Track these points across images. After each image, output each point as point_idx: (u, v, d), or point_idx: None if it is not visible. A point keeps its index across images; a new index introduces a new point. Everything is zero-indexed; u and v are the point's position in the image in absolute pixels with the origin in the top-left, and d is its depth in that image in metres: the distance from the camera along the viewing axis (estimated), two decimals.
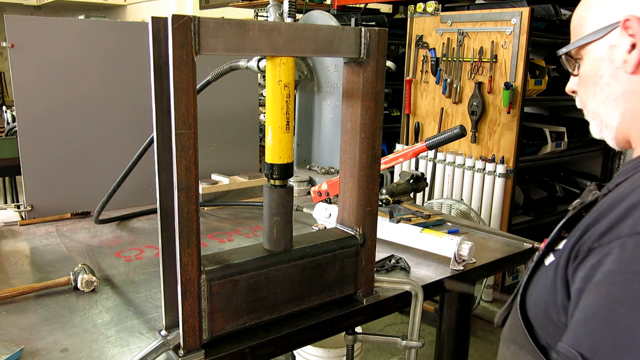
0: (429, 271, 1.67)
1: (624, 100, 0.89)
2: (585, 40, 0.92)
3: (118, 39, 2.17)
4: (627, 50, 0.86)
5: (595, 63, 0.92)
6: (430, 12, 3.53)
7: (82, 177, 2.14)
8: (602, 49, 0.91)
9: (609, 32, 0.89)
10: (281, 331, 1.25)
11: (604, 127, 0.95)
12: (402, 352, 2.90)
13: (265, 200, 1.25)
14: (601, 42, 0.90)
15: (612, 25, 0.88)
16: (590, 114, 0.97)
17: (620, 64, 0.88)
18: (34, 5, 11.13)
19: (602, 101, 0.92)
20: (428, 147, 1.84)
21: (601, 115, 0.94)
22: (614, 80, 0.90)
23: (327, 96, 2.87)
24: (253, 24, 1.07)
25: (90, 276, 1.45)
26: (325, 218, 1.98)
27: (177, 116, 1.00)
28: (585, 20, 0.93)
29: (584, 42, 0.93)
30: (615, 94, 0.90)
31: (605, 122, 0.94)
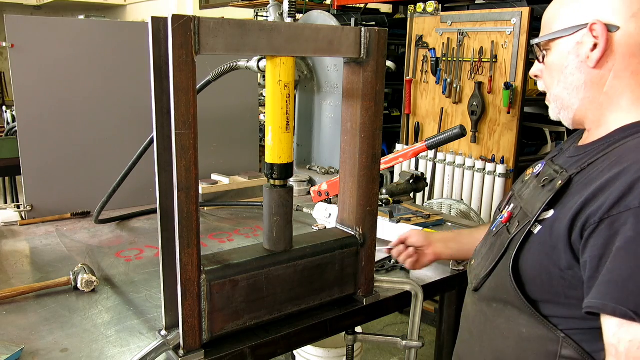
0: (429, 271, 1.67)
1: (585, 89, 1.08)
2: (556, 35, 1.09)
3: (118, 39, 2.18)
4: (590, 49, 1.04)
5: (562, 55, 1.09)
6: (430, 12, 3.53)
7: (82, 177, 2.14)
8: (569, 44, 1.07)
9: (576, 31, 1.06)
10: (281, 331, 1.25)
11: (563, 109, 1.13)
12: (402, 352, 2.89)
13: (265, 200, 1.25)
14: (569, 38, 1.07)
15: (581, 25, 1.05)
16: (553, 97, 1.14)
17: (584, 59, 1.05)
18: (34, 5, 11.13)
19: (566, 87, 1.10)
20: (428, 147, 1.84)
21: (563, 99, 1.11)
22: (577, 72, 1.07)
23: (327, 96, 2.87)
24: (253, 24, 1.07)
25: (90, 276, 1.45)
26: (325, 218, 1.98)
27: (177, 116, 1.00)
28: (557, 17, 1.09)
29: (555, 37, 1.09)
30: (578, 83, 1.08)
31: (565, 105, 1.12)
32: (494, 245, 1.20)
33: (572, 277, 0.98)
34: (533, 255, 1.06)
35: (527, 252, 1.07)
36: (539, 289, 1.05)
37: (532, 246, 1.06)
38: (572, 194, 1.02)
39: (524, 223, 1.10)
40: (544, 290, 1.04)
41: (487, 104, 3.30)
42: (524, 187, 1.24)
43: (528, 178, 1.25)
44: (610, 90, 1.06)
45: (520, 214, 1.15)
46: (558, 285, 1.01)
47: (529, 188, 1.20)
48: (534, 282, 1.06)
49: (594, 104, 1.08)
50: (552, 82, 1.13)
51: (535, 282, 1.05)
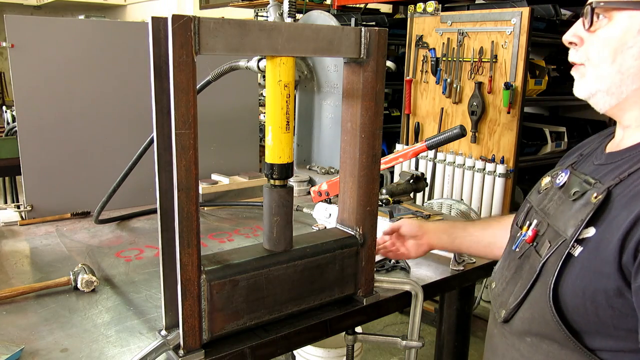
0: (429, 271, 1.67)
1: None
2: (628, 5, 0.91)
3: (118, 39, 2.17)
4: None
5: (630, 31, 0.91)
6: (430, 12, 3.53)
7: (82, 177, 2.14)
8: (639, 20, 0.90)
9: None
10: (281, 331, 1.25)
11: (608, 93, 0.96)
12: (402, 352, 2.89)
13: (265, 200, 1.25)
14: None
15: None
16: (597, 75, 0.97)
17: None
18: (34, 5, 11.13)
19: (621, 70, 0.93)
20: (428, 147, 1.84)
21: (612, 82, 0.95)
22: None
23: (327, 96, 2.87)
24: (253, 24, 1.07)
25: (90, 276, 1.45)
26: (325, 218, 1.98)
27: (177, 116, 1.00)
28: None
29: (626, 7, 0.91)
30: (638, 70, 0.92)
31: (612, 91, 0.95)
32: (520, 269, 1.07)
33: (622, 305, 0.87)
34: (574, 280, 0.93)
35: (567, 277, 0.94)
36: (583, 319, 0.93)
37: (573, 270, 0.94)
38: (615, 209, 0.90)
39: (557, 243, 0.97)
40: (588, 320, 0.93)
41: (487, 104, 3.30)
42: (545, 199, 1.11)
43: (548, 189, 1.13)
44: None
45: (550, 232, 1.02)
46: (605, 315, 0.90)
47: (553, 201, 1.07)
48: (576, 312, 0.93)
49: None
50: (603, 58, 0.95)
51: (579, 312, 0.93)
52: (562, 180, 1.07)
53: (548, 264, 0.98)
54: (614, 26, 0.93)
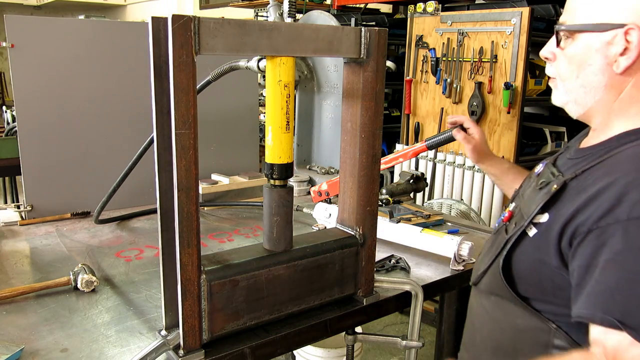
0: (429, 271, 1.67)
1: (603, 92, 1.05)
2: (587, 28, 1.03)
3: (118, 39, 2.18)
4: (619, 52, 1.00)
5: (589, 51, 1.04)
6: (430, 12, 3.53)
7: (82, 177, 2.14)
8: (599, 41, 1.02)
9: (610, 29, 1.00)
10: (281, 331, 1.25)
11: (575, 104, 1.11)
12: (402, 352, 2.89)
13: (265, 200, 1.25)
14: (601, 35, 1.02)
15: (616, 25, 0.99)
16: (566, 88, 1.11)
17: (612, 62, 1.02)
18: (34, 5, 11.13)
19: (583, 84, 1.07)
20: (428, 147, 1.84)
21: (578, 95, 1.09)
22: (600, 73, 1.04)
23: (327, 96, 2.87)
24: (253, 24, 1.07)
25: (90, 276, 1.45)
26: (325, 218, 1.98)
27: (177, 116, 1.00)
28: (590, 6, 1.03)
29: (586, 29, 1.04)
30: (599, 84, 1.05)
31: (578, 101, 1.10)
32: (493, 244, 1.25)
33: (560, 280, 1.03)
34: (526, 256, 1.10)
35: (520, 253, 1.12)
36: (531, 287, 1.11)
37: (526, 248, 1.10)
38: (566, 200, 1.03)
39: (520, 224, 1.12)
40: (535, 289, 1.10)
41: (487, 104, 3.30)
42: (525, 185, 1.27)
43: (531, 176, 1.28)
44: (625, 97, 1.04)
45: (518, 214, 1.18)
46: (548, 286, 1.07)
47: (529, 188, 1.21)
48: (525, 281, 1.11)
49: (606, 108, 1.07)
50: (570, 74, 1.09)
51: (527, 281, 1.11)
52: (539, 170, 1.23)
53: (509, 241, 1.14)
54: (577, 45, 1.06)
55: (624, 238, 0.90)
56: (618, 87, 1.04)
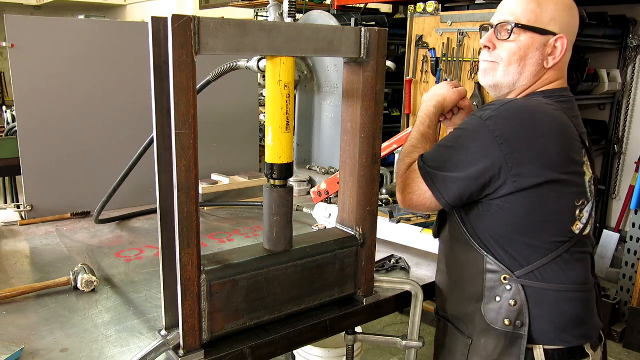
0: (429, 271, 1.67)
1: (530, 78, 1.35)
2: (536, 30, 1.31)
3: (118, 39, 2.17)
4: (549, 52, 1.33)
5: (531, 47, 1.33)
6: (430, 12, 3.53)
7: (82, 177, 2.14)
8: (539, 41, 1.32)
9: (548, 34, 1.32)
10: (281, 331, 1.25)
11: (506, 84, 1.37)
12: (402, 352, 2.89)
13: (265, 200, 1.25)
14: (542, 37, 1.32)
15: (552, 32, 1.32)
16: (505, 71, 1.36)
17: (545, 57, 1.33)
18: (34, 5, 11.13)
19: (521, 71, 1.35)
20: None
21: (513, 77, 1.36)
22: (536, 64, 1.34)
23: (327, 96, 2.86)
24: (253, 24, 1.07)
25: (90, 276, 1.45)
26: (325, 218, 1.98)
27: (177, 116, 1.00)
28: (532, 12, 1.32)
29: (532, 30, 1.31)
30: (532, 73, 1.35)
31: (509, 83, 1.37)
32: None
33: None
34: None
35: None
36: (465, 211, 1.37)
37: None
38: None
39: None
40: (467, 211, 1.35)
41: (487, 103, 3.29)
42: None
43: None
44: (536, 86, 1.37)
45: None
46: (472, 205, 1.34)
47: None
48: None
49: (520, 91, 1.38)
50: (510, 60, 1.35)
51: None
52: None
53: None
54: (520, 42, 1.33)
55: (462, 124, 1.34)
56: (538, 77, 1.36)
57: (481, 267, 1.32)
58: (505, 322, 1.30)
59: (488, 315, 1.32)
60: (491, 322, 1.31)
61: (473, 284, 1.34)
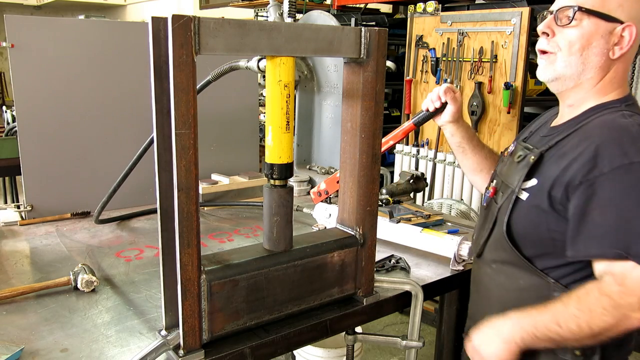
0: (429, 271, 1.67)
1: (595, 71, 1.23)
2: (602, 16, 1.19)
3: (118, 39, 2.17)
4: (615, 42, 1.21)
5: (595, 33, 1.21)
6: (430, 12, 3.53)
7: (82, 177, 2.14)
8: (604, 28, 1.20)
9: (615, 22, 1.19)
10: (281, 331, 1.25)
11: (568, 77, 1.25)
12: (402, 352, 2.89)
13: (265, 200, 1.25)
14: (606, 24, 1.20)
15: (619, 20, 1.19)
16: (565, 61, 1.25)
17: (610, 47, 1.21)
18: (34, 5, 11.13)
19: (584, 61, 1.23)
20: (415, 123, 1.83)
21: (576, 68, 1.24)
22: (601, 55, 1.22)
23: (327, 96, 2.87)
24: (253, 24, 1.07)
25: (90, 276, 1.45)
26: (325, 218, 1.98)
27: (177, 116, 1.00)
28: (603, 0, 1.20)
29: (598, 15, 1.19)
30: (596, 64, 1.23)
31: (573, 76, 1.25)
32: (486, 218, 1.41)
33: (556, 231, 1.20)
34: (523, 217, 1.26)
35: (517, 216, 1.27)
36: (531, 244, 1.26)
37: (522, 210, 1.26)
38: (548, 165, 1.23)
39: (507, 193, 1.31)
40: (534, 245, 1.25)
41: (487, 104, 3.30)
42: (500, 165, 1.46)
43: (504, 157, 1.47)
44: (607, 79, 1.24)
45: (503, 186, 1.36)
46: (547, 241, 1.22)
47: (505, 165, 1.41)
48: (525, 239, 1.26)
49: (590, 86, 1.25)
50: (574, 50, 1.23)
51: (527, 239, 1.26)
52: (511, 150, 1.43)
53: (502, 208, 1.31)
54: (585, 26, 1.21)
55: (611, 186, 1.11)
56: (606, 70, 1.23)
57: (546, 294, 1.23)
58: (576, 353, 1.21)
59: None
60: (558, 352, 1.22)
61: None
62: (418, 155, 3.67)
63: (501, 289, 1.34)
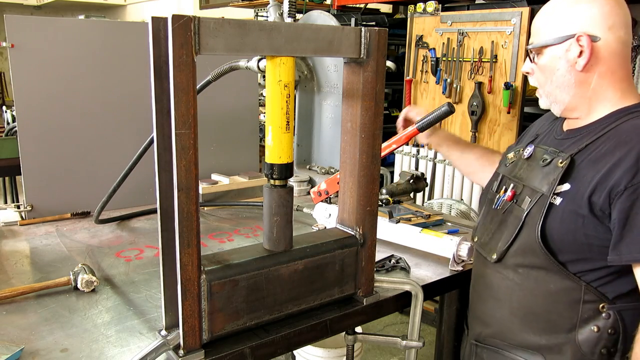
0: (429, 271, 1.67)
1: (575, 87, 1.29)
2: (548, 42, 1.30)
3: (118, 39, 2.17)
4: (577, 55, 1.26)
5: (554, 59, 1.30)
6: (430, 12, 3.53)
7: (82, 177, 2.14)
8: (559, 50, 1.29)
9: (565, 40, 1.27)
10: (281, 331, 1.25)
11: (555, 102, 1.34)
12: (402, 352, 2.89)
13: (265, 200, 1.25)
14: (560, 46, 1.28)
15: (569, 36, 1.26)
16: (545, 93, 1.36)
17: (573, 64, 1.27)
18: (34, 5, 11.13)
19: (558, 86, 1.31)
20: (419, 129, 1.83)
21: (555, 95, 1.33)
22: (567, 74, 1.29)
23: (327, 96, 2.87)
24: (253, 24, 1.07)
25: (90, 276, 1.45)
26: (325, 218, 1.98)
27: (177, 116, 1.00)
28: (547, 26, 1.31)
29: (547, 44, 1.30)
30: (569, 82, 1.30)
31: (557, 100, 1.33)
32: (505, 222, 1.38)
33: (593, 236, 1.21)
34: (558, 222, 1.24)
35: (552, 220, 1.25)
36: (567, 250, 1.25)
37: (556, 215, 1.25)
38: (583, 169, 1.23)
39: (536, 197, 1.29)
40: (570, 250, 1.25)
41: (487, 104, 3.30)
42: (515, 169, 1.44)
43: (515, 161, 1.46)
44: (596, 87, 1.28)
45: (527, 191, 1.34)
46: (583, 245, 1.22)
47: (523, 169, 1.40)
48: (562, 244, 1.25)
49: (583, 99, 1.30)
50: (545, 80, 1.34)
51: (563, 245, 1.25)
52: (529, 153, 1.42)
53: (531, 213, 1.29)
54: (545, 57, 1.32)
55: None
56: (586, 81, 1.28)
57: (577, 297, 1.26)
58: (602, 352, 1.26)
59: (584, 346, 1.26)
60: (586, 353, 1.26)
61: (563, 315, 1.28)
62: (418, 155, 3.68)
63: (528, 294, 1.33)
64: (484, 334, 1.46)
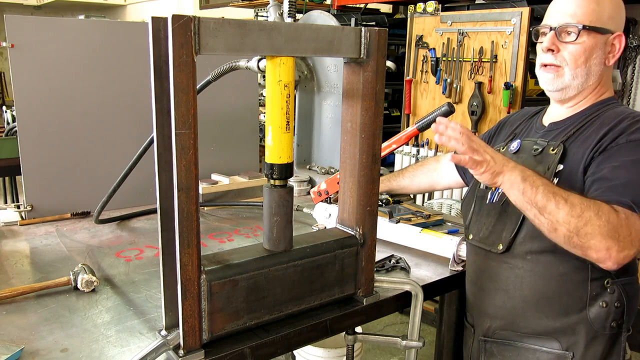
0: (429, 271, 1.67)
1: (595, 78, 1.41)
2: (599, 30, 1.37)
3: (118, 39, 2.17)
4: (609, 51, 1.40)
5: (594, 46, 1.38)
6: (430, 12, 3.53)
7: (82, 177, 2.14)
8: (601, 40, 1.39)
9: (608, 33, 1.39)
10: (281, 331, 1.25)
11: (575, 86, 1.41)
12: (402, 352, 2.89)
13: (265, 200, 1.25)
14: (602, 36, 1.39)
15: (611, 31, 1.39)
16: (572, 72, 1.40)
17: (606, 56, 1.40)
18: (34, 5, 11.13)
19: (588, 72, 1.40)
20: (419, 129, 1.83)
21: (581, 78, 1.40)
22: (599, 64, 1.40)
23: (327, 96, 2.86)
24: (253, 24, 1.07)
25: (90, 276, 1.45)
26: (325, 218, 1.98)
27: (177, 116, 1.00)
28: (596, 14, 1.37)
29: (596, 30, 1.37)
30: (597, 72, 1.41)
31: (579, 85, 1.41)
32: (504, 212, 1.42)
33: None
34: None
35: None
36: None
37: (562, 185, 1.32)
38: (572, 151, 1.35)
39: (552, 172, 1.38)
40: None
41: (487, 104, 3.30)
42: None
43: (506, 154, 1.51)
44: (602, 82, 1.43)
45: None
46: None
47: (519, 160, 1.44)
48: None
49: (590, 90, 1.43)
50: (575, 64, 1.39)
51: None
52: (516, 147, 1.49)
53: None
54: (584, 42, 1.38)
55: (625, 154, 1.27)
56: (602, 75, 1.42)
57: (585, 276, 1.33)
58: (612, 325, 1.35)
59: (596, 323, 1.34)
60: (598, 329, 1.34)
61: (574, 295, 1.35)
62: (418, 155, 3.68)
63: (539, 279, 1.38)
64: (494, 328, 1.49)
